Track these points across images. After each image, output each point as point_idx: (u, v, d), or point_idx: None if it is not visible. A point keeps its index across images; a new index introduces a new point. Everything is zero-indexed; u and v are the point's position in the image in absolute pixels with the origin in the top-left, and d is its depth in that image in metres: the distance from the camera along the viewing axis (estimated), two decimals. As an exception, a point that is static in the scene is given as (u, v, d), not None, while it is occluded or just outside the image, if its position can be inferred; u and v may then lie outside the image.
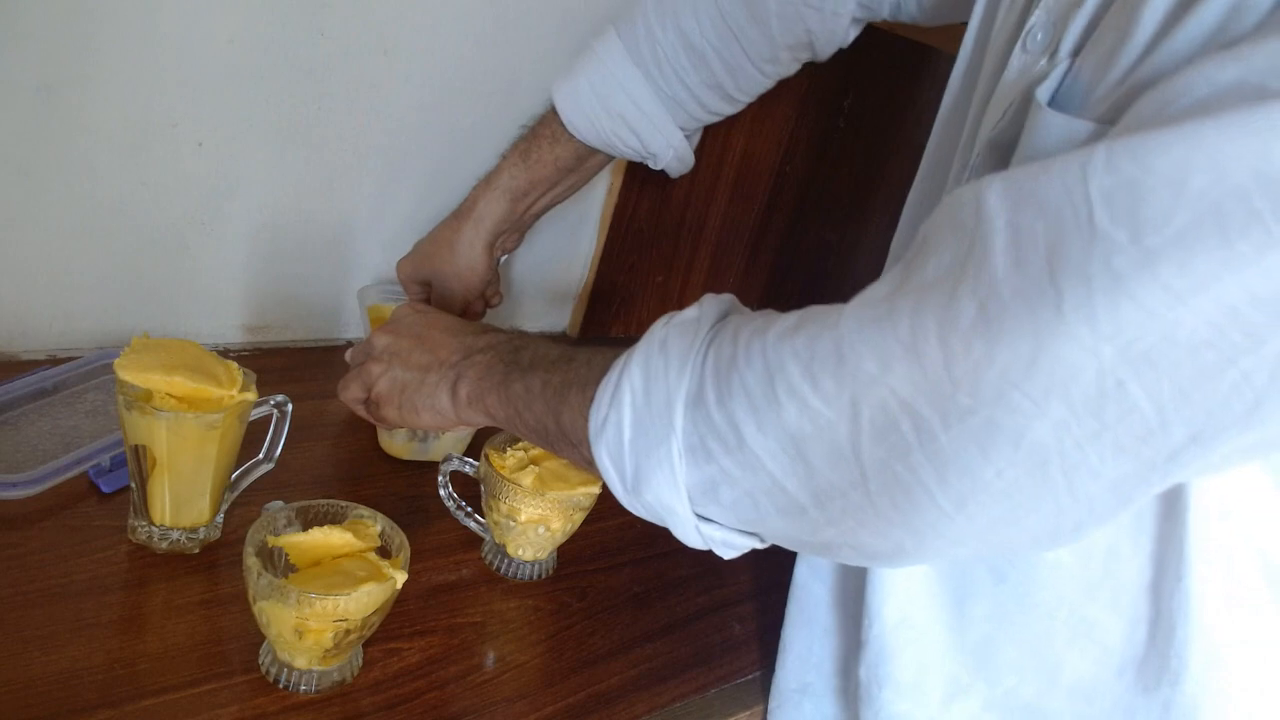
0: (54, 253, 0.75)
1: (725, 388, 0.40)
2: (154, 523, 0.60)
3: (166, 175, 0.77)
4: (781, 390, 0.37)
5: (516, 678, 0.60)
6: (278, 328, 0.90)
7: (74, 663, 0.51)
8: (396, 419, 0.58)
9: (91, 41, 0.68)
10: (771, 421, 0.38)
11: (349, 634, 0.52)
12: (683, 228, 1.14)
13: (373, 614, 0.52)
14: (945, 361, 0.33)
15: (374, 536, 0.55)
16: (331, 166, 0.85)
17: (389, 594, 0.52)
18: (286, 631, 0.50)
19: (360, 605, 0.50)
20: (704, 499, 0.42)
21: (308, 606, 0.49)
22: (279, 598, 0.49)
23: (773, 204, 1.20)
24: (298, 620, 0.50)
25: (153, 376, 0.56)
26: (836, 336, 0.36)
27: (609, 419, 0.44)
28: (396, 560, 0.54)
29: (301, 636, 0.50)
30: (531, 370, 0.52)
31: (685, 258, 1.18)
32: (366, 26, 0.80)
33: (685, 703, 0.62)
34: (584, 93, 0.76)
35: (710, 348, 0.42)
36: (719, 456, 0.40)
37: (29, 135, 0.69)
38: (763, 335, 0.39)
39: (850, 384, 0.35)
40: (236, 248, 0.84)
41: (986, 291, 0.32)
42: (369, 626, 0.53)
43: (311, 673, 0.53)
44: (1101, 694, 0.47)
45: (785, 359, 0.38)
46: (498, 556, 0.68)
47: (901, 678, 0.53)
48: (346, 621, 0.51)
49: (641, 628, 0.68)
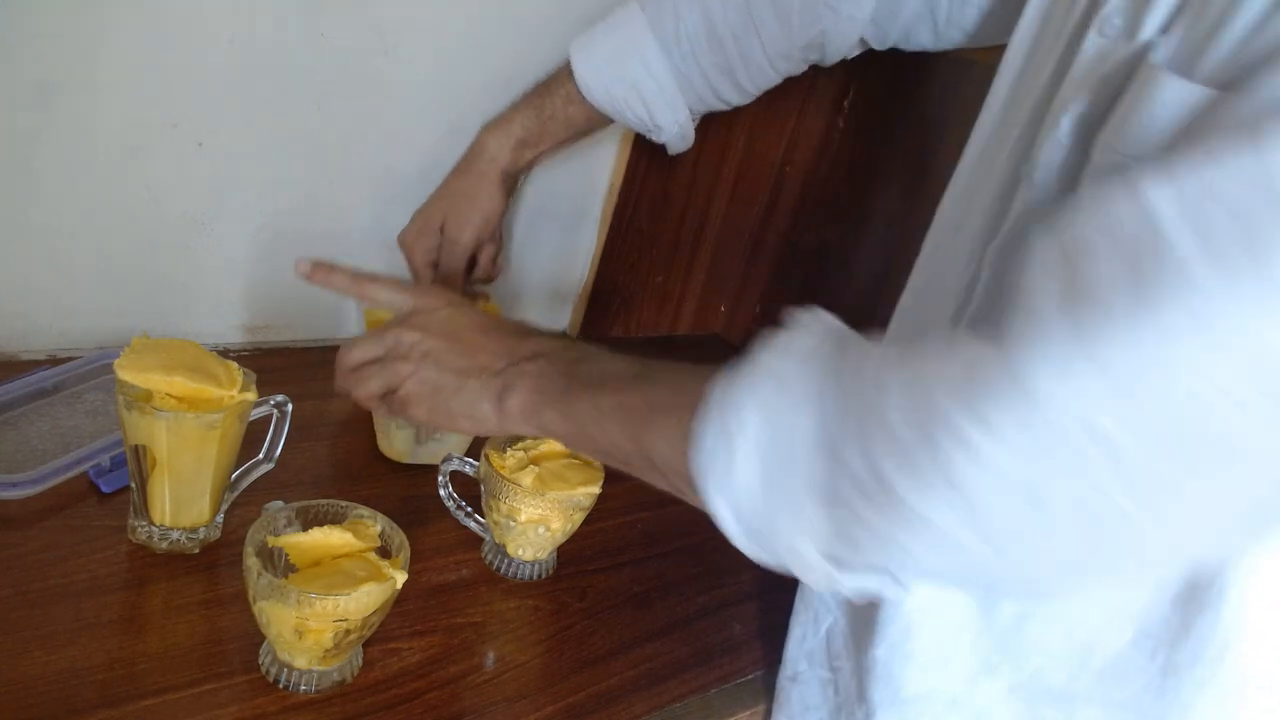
0: (54, 253, 0.75)
1: (863, 431, 0.36)
2: (154, 523, 0.60)
3: (167, 175, 0.77)
4: (939, 431, 0.33)
5: (516, 678, 0.60)
6: (278, 328, 0.90)
7: (74, 663, 0.51)
8: (424, 420, 0.56)
9: (92, 41, 0.68)
10: (926, 468, 0.34)
11: (349, 634, 0.52)
12: (683, 228, 1.14)
13: (373, 614, 0.52)
14: (1141, 374, 0.31)
15: (374, 536, 0.55)
16: (331, 166, 0.85)
17: (389, 594, 0.52)
18: (286, 631, 0.50)
19: (360, 605, 0.50)
20: (840, 546, 0.38)
21: (308, 606, 0.49)
22: (279, 598, 0.49)
23: (773, 204, 1.20)
24: (298, 620, 0.50)
25: (153, 376, 0.56)
26: (1006, 364, 0.33)
27: (720, 457, 0.40)
28: (396, 560, 0.54)
29: (301, 636, 0.50)
30: (600, 388, 0.48)
31: (685, 258, 1.17)
32: (366, 26, 0.80)
33: (685, 703, 0.62)
34: (601, 59, 0.78)
35: (836, 382, 0.38)
36: (860, 507, 0.36)
37: (30, 135, 0.69)
38: (899, 368, 0.36)
39: (1028, 416, 0.32)
40: (236, 248, 0.84)
41: (1184, 290, 0.30)
42: (369, 626, 0.53)
43: (312, 673, 0.53)
44: (1133, 677, 0.47)
45: (937, 395, 0.34)
46: (498, 556, 0.68)
47: (927, 655, 0.52)
48: (346, 621, 0.51)
49: (642, 628, 0.68)
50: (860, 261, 1.10)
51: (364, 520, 0.56)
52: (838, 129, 1.13)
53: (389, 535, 0.56)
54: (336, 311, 0.93)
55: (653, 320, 1.20)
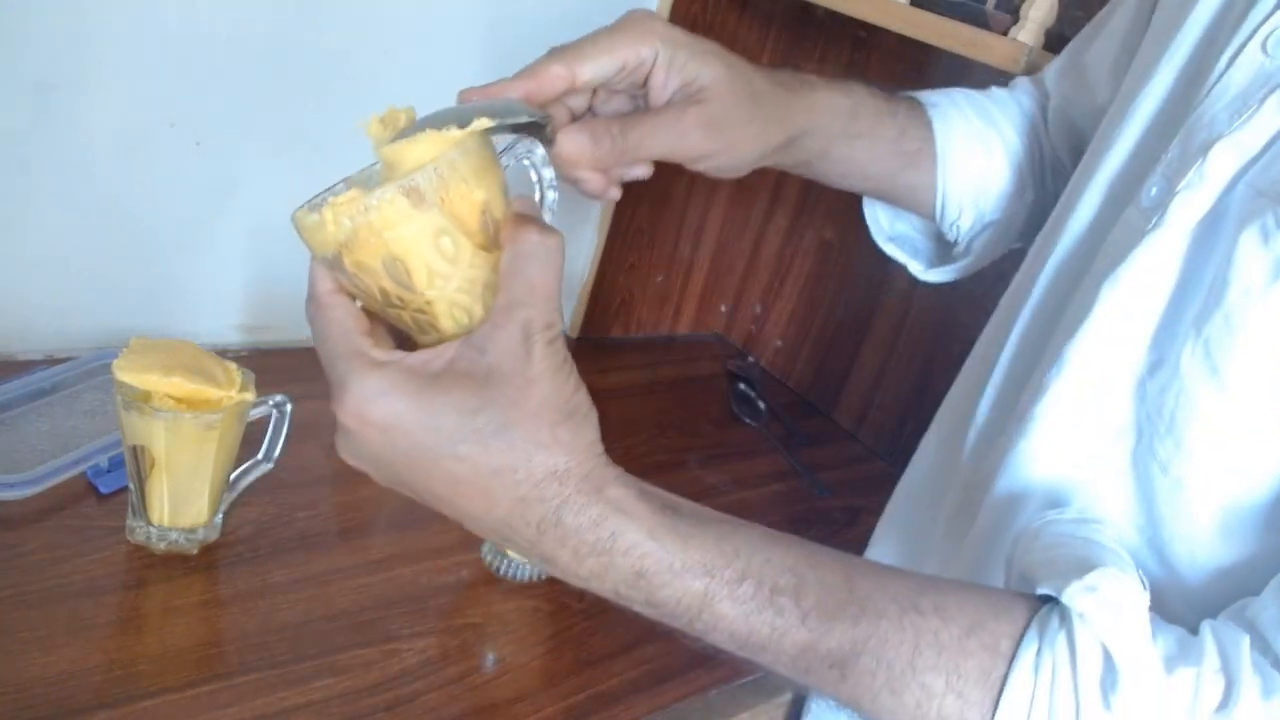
0: (52, 252, 0.75)
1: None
2: (152, 523, 0.60)
3: (165, 175, 0.76)
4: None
5: (516, 678, 0.59)
6: (276, 328, 0.90)
7: (72, 663, 0.51)
8: None
9: (89, 40, 0.68)
10: None
11: (487, 215, 0.37)
12: (683, 228, 1.14)
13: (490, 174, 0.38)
14: None
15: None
16: (331, 166, 0.85)
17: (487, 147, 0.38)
18: (427, 248, 0.35)
19: (473, 157, 0.36)
20: None
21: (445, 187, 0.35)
22: (413, 200, 0.34)
23: (773, 204, 1.20)
24: (443, 207, 0.35)
25: (151, 377, 0.56)
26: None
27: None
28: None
29: (455, 242, 0.36)
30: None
31: (685, 258, 1.17)
32: (366, 26, 0.80)
33: (685, 703, 0.62)
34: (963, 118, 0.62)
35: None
36: None
37: (26, 134, 0.69)
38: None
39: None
40: (235, 248, 0.83)
41: None
42: (499, 206, 0.38)
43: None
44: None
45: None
46: (497, 557, 0.68)
47: None
48: (477, 194, 0.36)
49: (642, 628, 0.67)
50: (860, 261, 1.10)
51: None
52: (837, 128, 1.13)
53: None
54: (335, 311, 0.93)
55: (653, 320, 1.20)
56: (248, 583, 0.60)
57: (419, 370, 0.33)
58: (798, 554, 0.36)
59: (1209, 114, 0.41)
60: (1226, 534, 0.40)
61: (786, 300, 1.20)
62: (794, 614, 0.35)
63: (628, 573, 0.35)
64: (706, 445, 0.99)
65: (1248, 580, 0.39)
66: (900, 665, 0.34)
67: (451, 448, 0.32)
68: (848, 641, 0.35)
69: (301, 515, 0.67)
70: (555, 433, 0.33)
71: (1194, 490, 0.41)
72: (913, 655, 0.34)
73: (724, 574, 0.35)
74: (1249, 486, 0.39)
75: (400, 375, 0.33)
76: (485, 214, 0.37)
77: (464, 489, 0.33)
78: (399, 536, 0.68)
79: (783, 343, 1.21)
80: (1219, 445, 0.40)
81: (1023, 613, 0.36)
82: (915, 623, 0.35)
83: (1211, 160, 0.40)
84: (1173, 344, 0.41)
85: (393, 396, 0.32)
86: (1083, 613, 0.33)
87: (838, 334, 1.13)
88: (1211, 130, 0.41)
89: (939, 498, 0.58)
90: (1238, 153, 0.40)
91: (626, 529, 0.34)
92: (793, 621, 0.35)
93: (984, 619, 0.35)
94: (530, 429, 0.33)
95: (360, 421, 0.33)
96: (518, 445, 0.32)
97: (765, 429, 1.05)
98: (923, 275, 0.68)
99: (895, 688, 0.34)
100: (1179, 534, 0.42)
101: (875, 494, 0.96)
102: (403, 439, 0.33)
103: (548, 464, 0.33)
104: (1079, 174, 0.52)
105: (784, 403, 1.14)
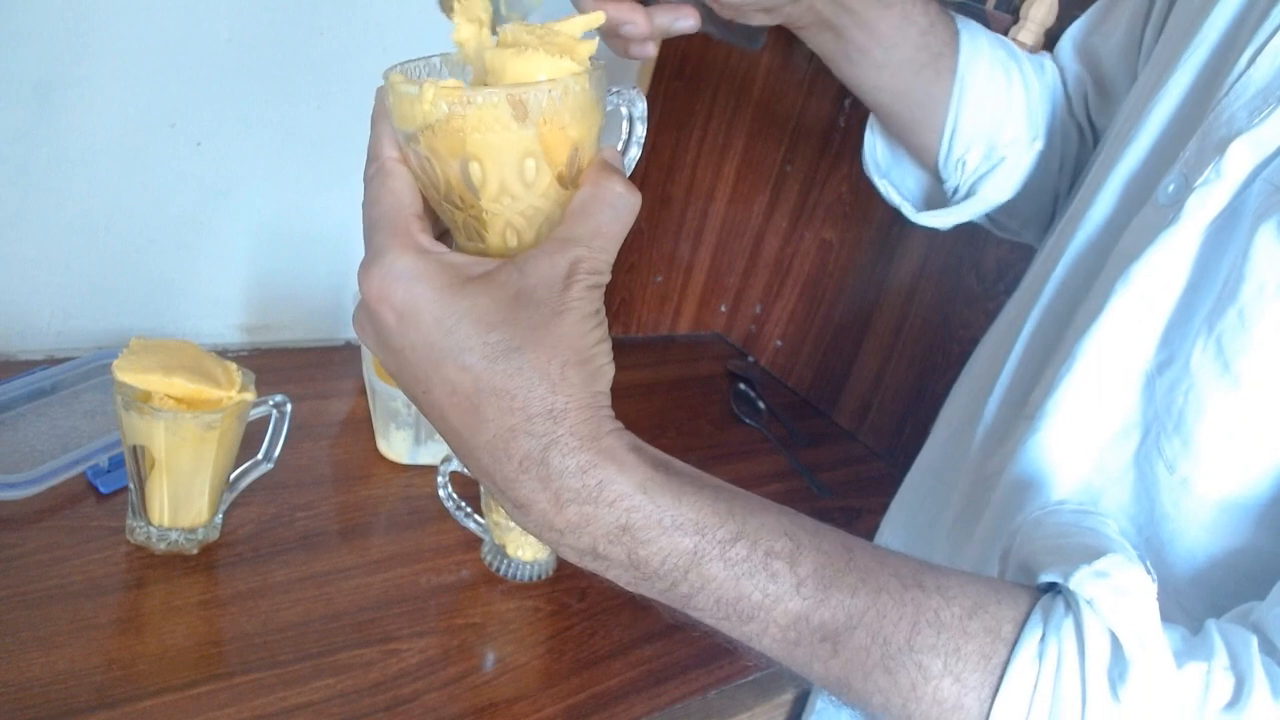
0: (52, 253, 0.75)
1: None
2: (152, 523, 0.60)
3: (165, 175, 0.76)
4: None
5: (516, 679, 0.59)
6: (277, 328, 0.90)
7: (72, 664, 0.51)
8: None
9: (89, 41, 0.68)
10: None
11: (577, 154, 0.36)
12: (682, 228, 1.14)
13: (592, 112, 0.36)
14: None
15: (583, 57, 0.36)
16: (331, 166, 0.85)
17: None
18: (509, 168, 0.34)
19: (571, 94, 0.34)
20: None
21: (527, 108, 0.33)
22: (512, 111, 0.33)
23: (773, 204, 1.20)
24: (541, 128, 0.33)
25: (151, 377, 0.56)
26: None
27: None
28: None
29: (538, 165, 0.34)
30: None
31: (685, 258, 1.17)
32: (366, 26, 0.80)
33: (685, 703, 0.62)
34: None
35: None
36: None
37: (27, 135, 0.69)
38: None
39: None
40: (235, 248, 0.83)
41: None
42: (590, 144, 0.36)
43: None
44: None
45: None
46: (497, 557, 0.68)
47: None
48: (579, 133, 0.35)
49: (642, 628, 0.67)
50: (860, 261, 1.10)
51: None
52: (838, 129, 1.13)
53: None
54: (336, 312, 0.93)
55: (653, 320, 1.20)
56: (248, 583, 0.60)
57: (456, 269, 0.32)
58: (797, 522, 0.35)
59: (1228, 111, 0.41)
60: (1225, 534, 0.40)
61: (786, 300, 1.20)
62: (788, 580, 0.33)
63: (611, 526, 0.33)
64: (706, 445, 0.99)
65: (1242, 583, 0.39)
66: (897, 643, 0.33)
67: (459, 355, 0.31)
68: (843, 613, 0.33)
69: (301, 515, 0.67)
70: (565, 371, 0.32)
71: (1198, 489, 0.41)
72: (911, 633, 0.33)
73: (716, 533, 0.33)
74: (1252, 486, 0.39)
75: (435, 267, 0.32)
76: (576, 151, 0.36)
77: (458, 401, 0.32)
78: (399, 536, 0.68)
79: (783, 343, 1.21)
80: (1226, 444, 0.40)
81: (1026, 599, 0.35)
82: (916, 599, 0.34)
83: (1229, 156, 0.40)
84: (1183, 341, 0.41)
85: (421, 284, 0.31)
86: (1091, 599, 0.32)
87: (838, 334, 1.13)
88: (1231, 127, 0.41)
89: (945, 495, 0.58)
90: (1256, 149, 0.40)
91: (616, 479, 0.32)
92: (786, 588, 0.33)
93: (986, 602, 0.34)
94: (542, 359, 0.31)
95: (380, 298, 0.32)
96: (524, 371, 0.31)
97: (765, 429, 1.05)
98: (914, 217, 0.65)
99: (890, 666, 0.33)
100: (1179, 533, 0.42)
101: (875, 494, 0.96)
102: (415, 331, 0.31)
103: (547, 400, 0.31)
104: (1095, 171, 0.52)
105: (784, 403, 1.14)
